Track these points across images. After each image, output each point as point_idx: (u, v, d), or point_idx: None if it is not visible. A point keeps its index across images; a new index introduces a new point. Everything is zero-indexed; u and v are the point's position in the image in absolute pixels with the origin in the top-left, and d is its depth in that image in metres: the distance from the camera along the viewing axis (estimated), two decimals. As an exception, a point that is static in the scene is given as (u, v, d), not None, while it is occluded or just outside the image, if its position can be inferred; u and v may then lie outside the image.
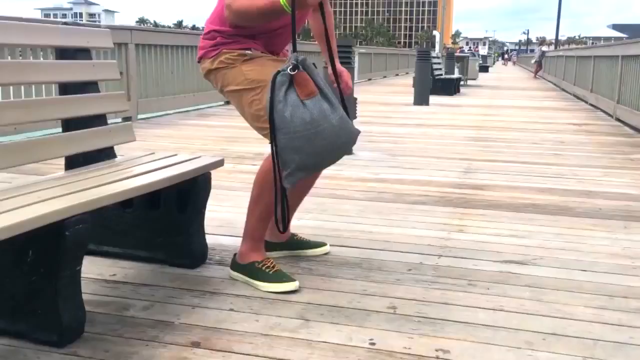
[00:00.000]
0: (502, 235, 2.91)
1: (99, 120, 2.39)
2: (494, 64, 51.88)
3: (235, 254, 2.31)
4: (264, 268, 2.20)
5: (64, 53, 2.32)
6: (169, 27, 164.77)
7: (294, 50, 2.04)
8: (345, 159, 4.95)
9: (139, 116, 7.31)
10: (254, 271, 2.21)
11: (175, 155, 2.51)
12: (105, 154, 2.41)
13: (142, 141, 5.71)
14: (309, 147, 1.95)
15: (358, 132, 2.12)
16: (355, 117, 5.37)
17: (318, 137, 1.95)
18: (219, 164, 2.47)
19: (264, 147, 5.39)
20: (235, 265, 2.28)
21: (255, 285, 2.18)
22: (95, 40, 2.47)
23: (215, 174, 2.47)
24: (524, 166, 4.78)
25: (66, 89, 2.31)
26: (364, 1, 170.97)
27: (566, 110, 10.05)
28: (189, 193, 2.34)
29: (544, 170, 4.60)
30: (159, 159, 2.41)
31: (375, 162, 4.90)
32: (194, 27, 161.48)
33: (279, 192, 2.03)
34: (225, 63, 2.16)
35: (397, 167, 4.67)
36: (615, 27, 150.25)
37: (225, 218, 3.09)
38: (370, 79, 19.52)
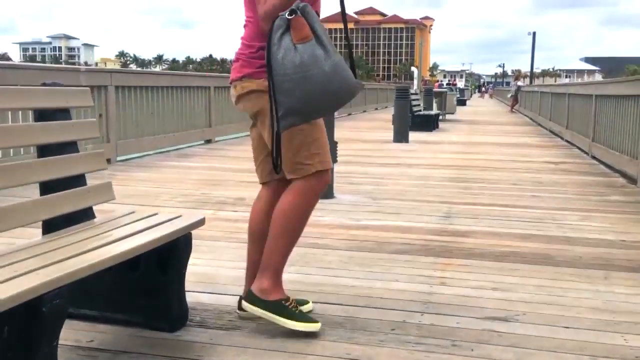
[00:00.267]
0: (485, 288, 2.91)
1: (77, 180, 2.36)
2: (471, 96, 52.69)
3: (250, 289, 2.30)
4: (290, 307, 2.26)
5: (42, 114, 2.30)
6: (149, 61, 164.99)
7: None
8: (327, 203, 4.94)
9: (118, 158, 7.27)
10: (281, 309, 2.24)
11: (155, 214, 2.48)
12: (84, 214, 2.37)
13: (123, 186, 5.66)
14: (298, 91, 2.00)
15: (358, 84, 2.12)
16: (335, 161, 5.39)
17: (307, 82, 1.99)
18: (200, 223, 2.45)
19: (245, 192, 5.40)
20: (257, 300, 2.26)
21: (283, 323, 2.23)
22: (75, 100, 2.46)
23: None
24: (504, 210, 4.81)
25: (45, 150, 2.28)
26: (342, 35, 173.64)
27: (543, 147, 10.20)
28: (169, 254, 2.31)
29: (524, 214, 4.64)
30: (138, 220, 2.38)
31: (356, 206, 4.90)
32: (174, 61, 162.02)
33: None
34: None
35: (378, 212, 4.67)
36: (588, 60, 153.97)
37: (205, 273, 3.05)
38: (350, 114, 19.70)
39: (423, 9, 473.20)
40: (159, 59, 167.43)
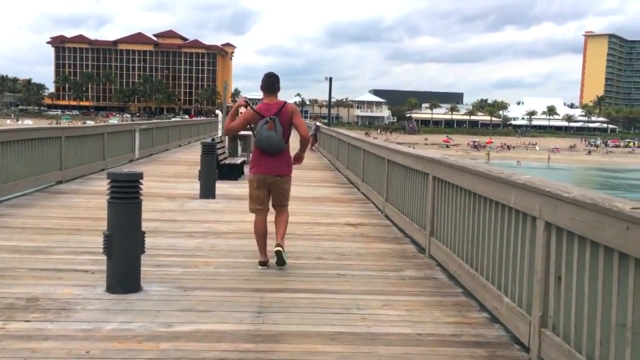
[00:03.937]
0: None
1: None
2: (272, 128, 54.24)
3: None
4: None
5: None
6: None
7: None
8: (134, 299, 4.68)
9: None
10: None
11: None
12: None
13: None
14: None
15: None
16: (143, 252, 5.11)
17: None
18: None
19: (39, 287, 4.91)
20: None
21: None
22: None
23: None
24: (314, 298, 4.97)
25: None
26: (142, 57, 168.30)
27: (342, 203, 10.73)
28: None
29: (332, 303, 4.84)
30: None
31: (166, 302, 4.72)
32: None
33: None
34: None
35: (190, 311, 4.54)
36: (377, 92, 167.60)
37: None
38: (151, 154, 19.09)
39: (224, 35, 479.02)
40: None
